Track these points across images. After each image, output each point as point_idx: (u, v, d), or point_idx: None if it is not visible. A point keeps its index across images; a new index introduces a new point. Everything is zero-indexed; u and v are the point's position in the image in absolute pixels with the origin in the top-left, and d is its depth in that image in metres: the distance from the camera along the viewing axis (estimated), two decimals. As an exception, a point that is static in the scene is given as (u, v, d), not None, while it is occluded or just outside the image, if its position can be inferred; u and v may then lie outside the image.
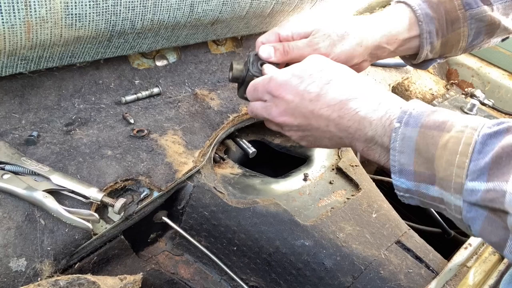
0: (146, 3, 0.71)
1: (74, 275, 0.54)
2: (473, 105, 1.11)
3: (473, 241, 0.74)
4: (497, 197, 0.41)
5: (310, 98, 0.57)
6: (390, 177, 0.53)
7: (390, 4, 0.75)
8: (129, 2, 0.69)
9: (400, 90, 1.28)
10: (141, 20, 0.73)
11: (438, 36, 0.70)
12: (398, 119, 0.51)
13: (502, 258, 0.71)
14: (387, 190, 0.95)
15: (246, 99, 0.70)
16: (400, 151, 0.50)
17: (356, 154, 0.96)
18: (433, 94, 1.25)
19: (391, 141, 0.51)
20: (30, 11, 0.58)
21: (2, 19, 0.57)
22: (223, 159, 0.87)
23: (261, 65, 0.69)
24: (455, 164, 0.45)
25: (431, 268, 0.71)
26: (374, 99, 0.55)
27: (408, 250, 0.73)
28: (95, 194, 0.62)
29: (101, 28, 0.69)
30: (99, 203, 0.63)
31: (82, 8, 0.64)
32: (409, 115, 0.51)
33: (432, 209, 0.94)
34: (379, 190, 0.87)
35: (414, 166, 0.49)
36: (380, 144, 0.54)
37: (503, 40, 0.78)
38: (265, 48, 0.68)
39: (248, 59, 0.70)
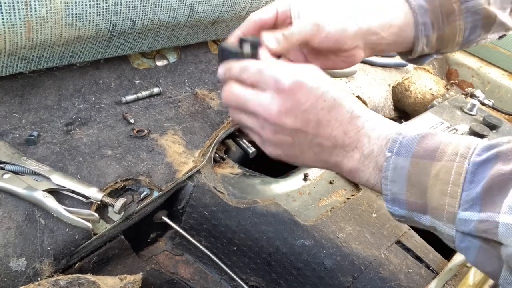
0: (146, 3, 0.71)
1: (74, 275, 0.54)
2: (473, 105, 1.11)
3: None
4: (490, 228, 0.42)
5: (322, 106, 0.54)
6: None
7: None
8: (129, 2, 0.69)
9: (400, 90, 1.28)
10: (141, 20, 0.73)
11: (434, 29, 0.69)
12: (389, 149, 0.51)
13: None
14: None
15: None
16: (392, 180, 0.50)
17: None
18: (433, 94, 1.25)
19: (382, 171, 0.51)
20: (31, 11, 0.58)
21: (3, 18, 0.57)
22: (223, 159, 0.87)
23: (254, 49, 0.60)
24: (448, 193, 0.45)
25: (431, 268, 0.71)
26: (373, 119, 0.55)
27: (408, 250, 0.73)
28: (95, 194, 0.62)
29: (101, 28, 0.69)
30: (99, 203, 0.63)
31: (82, 8, 0.64)
32: (400, 144, 0.50)
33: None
34: (379, 190, 0.87)
35: (407, 196, 0.49)
36: (374, 162, 0.54)
37: (500, 37, 0.77)
38: (271, 37, 0.61)
39: (241, 46, 0.61)
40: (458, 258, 0.72)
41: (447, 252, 0.76)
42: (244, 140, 0.91)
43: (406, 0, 0.68)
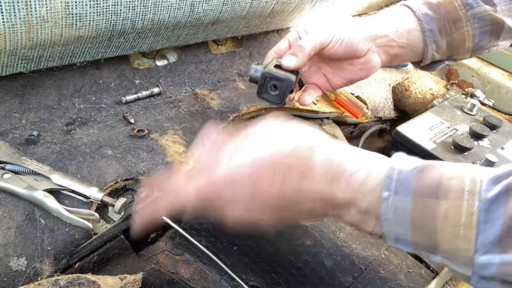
0: (146, 3, 0.71)
1: (74, 275, 0.53)
2: (473, 105, 1.11)
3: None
4: None
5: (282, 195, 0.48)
6: None
7: (390, 5, 0.76)
8: (129, 1, 0.69)
9: (400, 90, 1.28)
10: (141, 20, 0.73)
11: (442, 35, 0.70)
12: (386, 187, 0.45)
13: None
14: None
15: (264, 99, 0.72)
16: (394, 223, 0.45)
17: None
18: (433, 94, 1.25)
19: (382, 213, 0.45)
20: (31, 11, 0.58)
21: (3, 18, 0.57)
22: (223, 159, 0.87)
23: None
24: (461, 237, 0.41)
25: (431, 268, 0.71)
26: (360, 171, 0.47)
27: (408, 250, 0.73)
28: (95, 193, 0.62)
29: (101, 28, 0.69)
30: (99, 202, 0.63)
31: (82, 7, 0.64)
32: (397, 181, 0.45)
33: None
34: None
35: (411, 237, 0.45)
36: (375, 215, 0.47)
37: None
38: (287, 57, 0.68)
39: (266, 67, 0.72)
40: (458, 258, 0.72)
41: (447, 252, 0.75)
42: (244, 140, 0.90)
43: (411, 10, 0.70)
